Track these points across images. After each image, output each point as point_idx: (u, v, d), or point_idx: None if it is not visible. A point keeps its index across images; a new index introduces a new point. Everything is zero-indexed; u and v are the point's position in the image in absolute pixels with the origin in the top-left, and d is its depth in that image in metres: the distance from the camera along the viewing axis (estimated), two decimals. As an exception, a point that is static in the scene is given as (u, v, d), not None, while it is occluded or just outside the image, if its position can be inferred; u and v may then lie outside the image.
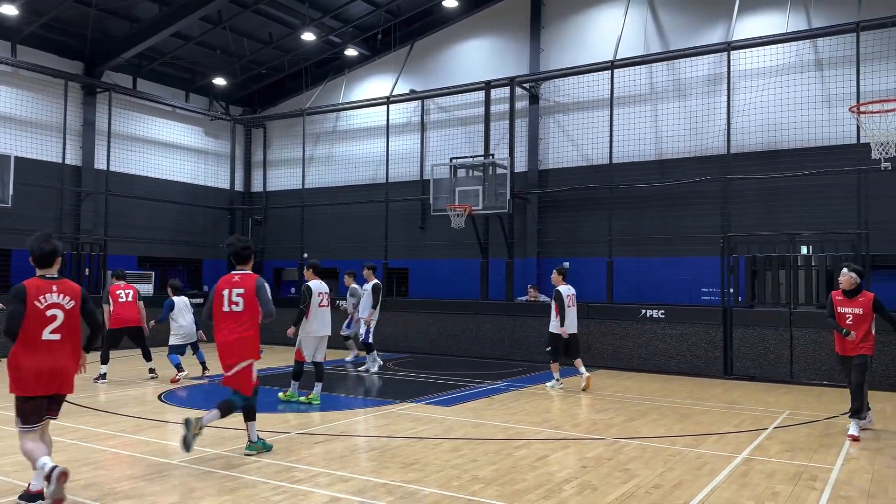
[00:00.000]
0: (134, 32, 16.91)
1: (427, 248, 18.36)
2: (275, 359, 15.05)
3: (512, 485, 5.85)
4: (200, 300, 15.85)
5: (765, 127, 14.28)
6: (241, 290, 6.80)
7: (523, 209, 16.88)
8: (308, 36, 18.35)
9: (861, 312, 8.05)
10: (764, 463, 6.71)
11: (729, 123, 13.95)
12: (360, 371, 13.01)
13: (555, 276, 11.45)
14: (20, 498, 5.12)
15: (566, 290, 11.24)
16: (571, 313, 11.21)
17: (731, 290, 13.26)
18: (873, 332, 8.11)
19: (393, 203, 18.27)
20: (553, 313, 11.15)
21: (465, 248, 17.18)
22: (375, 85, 19.83)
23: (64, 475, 4.82)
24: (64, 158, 16.90)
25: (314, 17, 17.82)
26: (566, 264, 16.18)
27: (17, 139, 16.24)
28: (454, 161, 16.31)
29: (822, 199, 13.48)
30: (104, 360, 11.41)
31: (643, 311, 13.79)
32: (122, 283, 11.83)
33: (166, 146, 19.79)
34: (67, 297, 5.26)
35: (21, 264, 16.39)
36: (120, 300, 11.51)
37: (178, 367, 11.63)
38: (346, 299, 14.79)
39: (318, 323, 9.67)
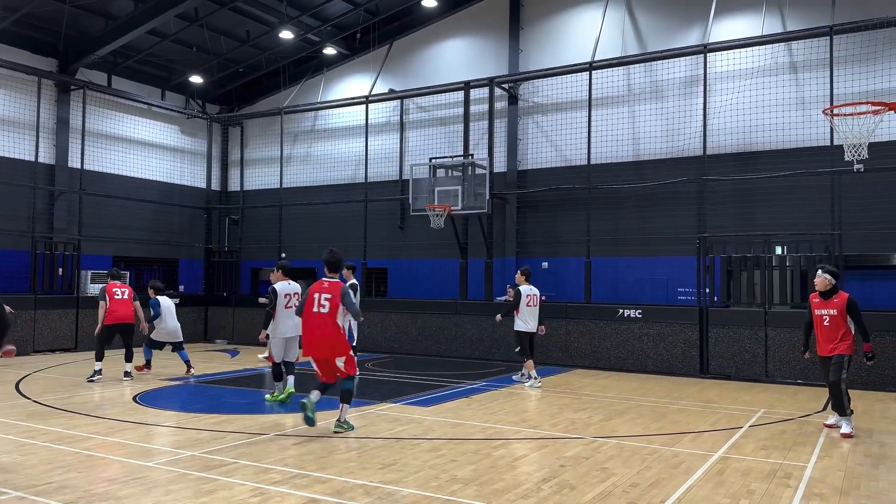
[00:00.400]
0: (109, 29, 16.67)
1: (406, 248, 18.33)
2: (251, 360, 14.94)
3: (490, 484, 5.86)
4: (177, 300, 15.59)
5: (740, 128, 14.45)
6: (328, 295, 7.92)
7: (502, 209, 16.92)
8: (286, 34, 18.23)
9: (836, 313, 8.06)
10: (739, 461, 6.78)
11: (705, 125, 14.10)
12: None
13: (518, 277, 11.85)
14: None
15: (527, 289, 11.61)
16: (531, 312, 11.59)
17: (707, 290, 13.41)
18: (852, 331, 8.07)
19: (372, 203, 18.21)
20: (515, 313, 11.58)
21: (444, 248, 17.19)
22: (354, 84, 19.76)
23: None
24: (37, 156, 16.60)
25: (292, 16, 17.70)
26: (545, 264, 16.33)
27: (-12, 137, 15.95)
28: (433, 161, 16.30)
29: (796, 200, 13.69)
30: (99, 358, 11.52)
31: (621, 310, 13.90)
32: (117, 282, 11.98)
33: (142, 144, 19.54)
34: None
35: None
36: (116, 297, 11.70)
37: (148, 364, 12.08)
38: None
39: (286, 324, 9.74)
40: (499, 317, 12.01)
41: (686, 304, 14.27)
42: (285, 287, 9.82)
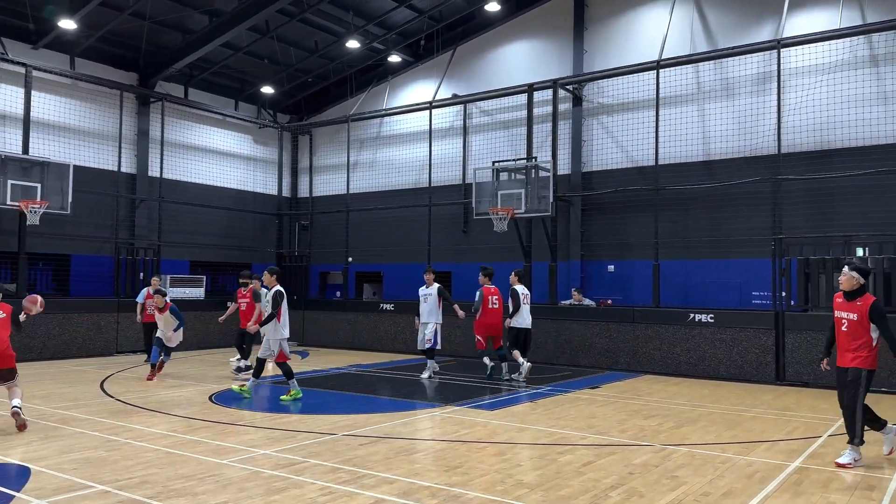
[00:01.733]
0: (185, 43, 17.40)
1: (470, 252, 18.38)
2: (320, 361, 15.25)
3: (556, 490, 5.82)
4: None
5: (817, 125, 13.90)
6: (496, 297, 12.40)
7: (566, 212, 16.77)
8: (352, 43, 18.60)
9: (856, 318, 6.90)
10: (818, 472, 6.52)
11: (779, 122, 13.62)
12: (420, 377, 12.95)
13: (512, 278, 12.55)
14: None
15: (521, 289, 12.42)
16: (525, 310, 12.37)
17: (784, 294, 12.92)
18: (874, 342, 6.88)
19: (436, 207, 18.35)
20: (511, 311, 12.28)
21: (507, 252, 17.13)
22: (418, 90, 19.97)
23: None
24: (119, 166, 17.48)
25: (358, 25, 18.06)
26: (611, 267, 16.08)
27: (76, 148, 16.86)
28: (497, 164, 16.29)
29: (878, 199, 13.05)
30: (245, 355, 12.93)
31: (692, 315, 13.54)
32: (244, 289, 13.25)
33: (217, 153, 20.29)
34: (2, 312, 8.11)
35: (79, 269, 17.01)
36: (241, 309, 13.13)
37: (154, 367, 12.23)
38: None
39: (288, 325, 10.45)
40: (508, 321, 12.29)
41: (761, 309, 13.79)
42: (284, 292, 10.34)
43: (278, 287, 10.25)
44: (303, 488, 5.77)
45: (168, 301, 12.40)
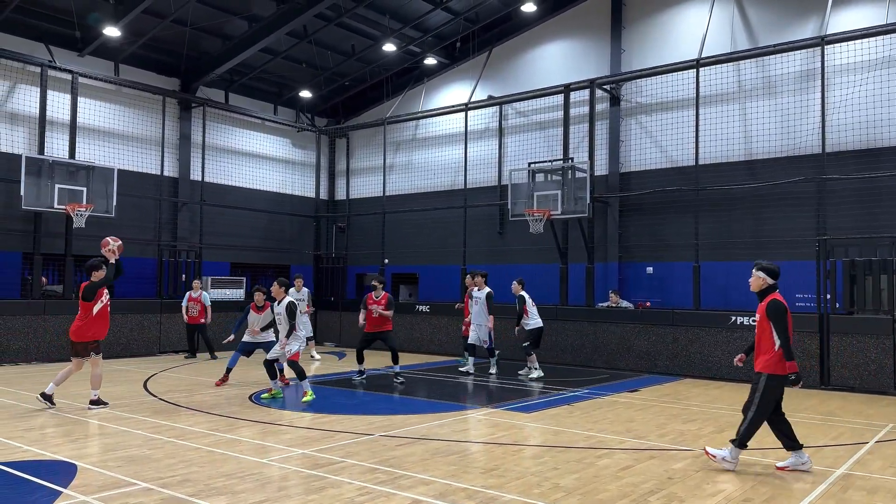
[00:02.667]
0: (226, 49, 17.72)
1: (506, 254, 18.34)
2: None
3: (594, 494, 5.77)
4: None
5: (863, 124, 13.53)
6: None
7: (604, 213, 16.61)
8: (389, 47, 18.71)
9: (759, 319, 6.73)
10: (865, 479, 6.34)
11: (823, 121, 13.30)
12: (490, 374, 13.42)
13: (515, 286, 13.25)
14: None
15: (526, 295, 13.19)
16: (536, 311, 13.25)
17: (828, 297, 12.61)
18: (776, 345, 6.58)
19: (471, 208, 18.35)
20: (524, 315, 13.03)
21: (544, 253, 17.06)
22: (454, 92, 20.00)
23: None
24: (162, 170, 17.88)
25: (394, 28, 18.16)
26: (650, 269, 15.87)
27: (120, 152, 17.29)
28: (533, 166, 16.22)
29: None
30: (360, 360, 12.41)
31: (733, 317, 13.30)
32: (376, 295, 12.20)
33: (256, 157, 20.62)
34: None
35: (125, 270, 17.40)
36: (373, 315, 12.18)
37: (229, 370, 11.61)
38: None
39: (304, 329, 11.04)
40: (516, 329, 13.30)
41: (805, 311, 13.46)
42: (295, 298, 10.76)
43: (289, 298, 10.36)
44: (341, 488, 5.82)
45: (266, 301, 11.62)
